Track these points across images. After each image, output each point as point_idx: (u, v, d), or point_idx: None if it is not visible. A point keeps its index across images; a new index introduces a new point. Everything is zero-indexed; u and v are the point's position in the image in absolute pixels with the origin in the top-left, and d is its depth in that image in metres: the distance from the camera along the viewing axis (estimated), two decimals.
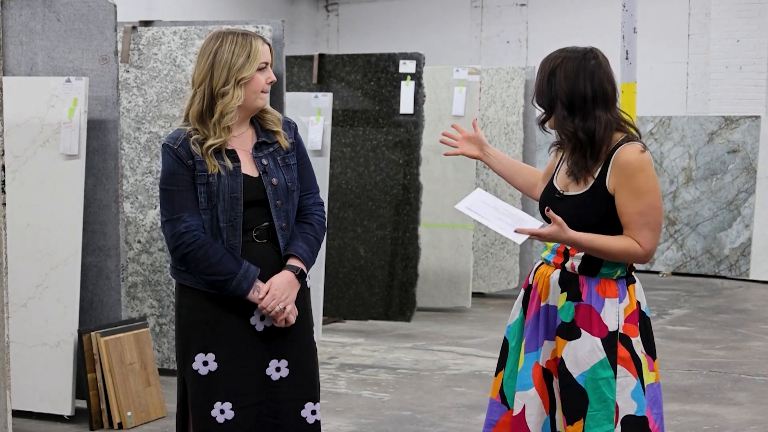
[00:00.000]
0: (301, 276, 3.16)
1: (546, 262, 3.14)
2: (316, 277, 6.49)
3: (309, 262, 3.19)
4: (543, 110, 3.09)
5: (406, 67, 7.70)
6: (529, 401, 3.08)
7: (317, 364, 3.26)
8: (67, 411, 5.00)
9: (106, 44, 5.15)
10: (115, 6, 5.16)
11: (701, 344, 7.05)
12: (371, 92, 7.80)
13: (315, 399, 3.21)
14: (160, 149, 3.69)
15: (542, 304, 3.11)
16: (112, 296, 5.17)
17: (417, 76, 7.68)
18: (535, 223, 2.98)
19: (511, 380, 3.17)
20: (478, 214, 2.99)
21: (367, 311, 7.82)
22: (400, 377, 6.08)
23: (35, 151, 5.06)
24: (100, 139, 5.16)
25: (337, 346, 6.92)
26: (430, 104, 8.04)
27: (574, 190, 3.06)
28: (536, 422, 3.08)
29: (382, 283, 7.78)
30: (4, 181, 3.63)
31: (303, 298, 3.21)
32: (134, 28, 6.00)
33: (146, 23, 6.05)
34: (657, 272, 10.42)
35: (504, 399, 3.19)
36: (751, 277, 9.90)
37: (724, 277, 10.09)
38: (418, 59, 7.71)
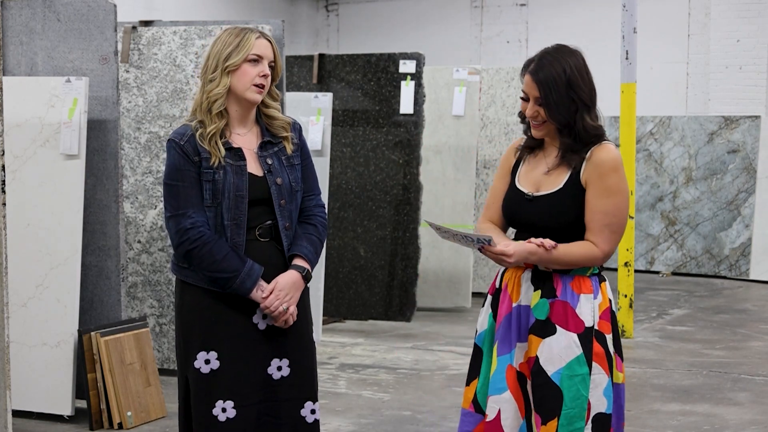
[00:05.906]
0: (306, 277, 3.16)
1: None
2: (316, 277, 6.50)
3: (313, 263, 3.20)
4: (560, 125, 3.03)
5: (406, 67, 7.70)
6: (504, 405, 3.02)
7: (316, 364, 3.27)
8: (67, 411, 5.00)
9: (106, 44, 5.15)
10: (115, 6, 5.16)
11: (701, 344, 7.04)
12: (371, 92, 7.80)
13: (314, 398, 3.21)
14: (166, 144, 3.70)
15: (513, 305, 3.07)
16: (112, 296, 5.17)
17: (417, 76, 7.68)
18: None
19: (485, 387, 3.11)
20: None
21: (367, 311, 7.82)
22: (400, 377, 6.07)
23: (35, 151, 5.06)
24: (100, 139, 5.16)
25: (337, 346, 6.92)
26: (430, 104, 8.04)
27: (546, 190, 3.05)
28: (512, 426, 3.02)
29: (382, 283, 7.78)
30: (4, 181, 3.63)
31: (302, 297, 3.21)
32: (134, 28, 5.99)
33: (146, 23, 6.05)
34: (657, 272, 10.42)
35: (478, 407, 3.12)
36: (751, 277, 9.89)
37: (724, 277, 10.09)
38: (418, 59, 7.70)
